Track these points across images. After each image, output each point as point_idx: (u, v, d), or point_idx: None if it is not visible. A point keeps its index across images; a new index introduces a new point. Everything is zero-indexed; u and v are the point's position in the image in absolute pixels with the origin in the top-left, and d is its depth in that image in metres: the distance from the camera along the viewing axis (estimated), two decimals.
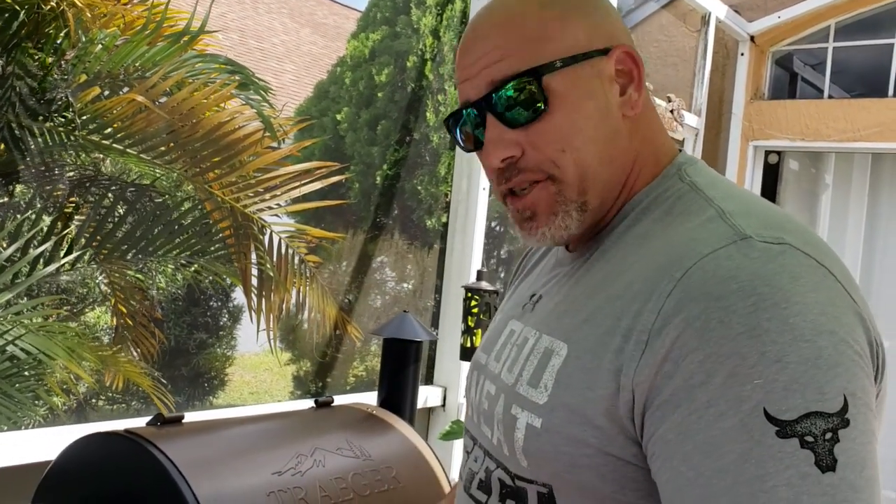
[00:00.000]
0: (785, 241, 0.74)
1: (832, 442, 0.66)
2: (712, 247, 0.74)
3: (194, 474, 1.27)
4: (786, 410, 0.66)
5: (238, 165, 2.51)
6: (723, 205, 0.80)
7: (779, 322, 0.68)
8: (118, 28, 2.57)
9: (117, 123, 2.46)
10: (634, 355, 0.74)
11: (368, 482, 1.48)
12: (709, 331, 0.69)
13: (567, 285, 0.91)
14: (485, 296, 2.45)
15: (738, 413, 0.67)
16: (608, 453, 0.76)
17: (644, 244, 0.83)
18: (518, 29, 0.86)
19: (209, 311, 5.85)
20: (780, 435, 0.66)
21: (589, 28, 0.87)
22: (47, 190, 2.79)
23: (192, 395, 5.68)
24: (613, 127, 0.86)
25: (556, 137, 0.85)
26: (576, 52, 0.85)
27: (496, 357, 0.94)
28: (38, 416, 4.31)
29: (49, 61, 2.46)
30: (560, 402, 0.79)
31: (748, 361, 0.67)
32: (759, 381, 0.67)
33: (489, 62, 0.86)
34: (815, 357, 0.67)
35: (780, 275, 0.71)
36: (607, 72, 0.87)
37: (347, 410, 1.72)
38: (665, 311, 0.73)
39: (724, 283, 0.71)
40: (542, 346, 0.85)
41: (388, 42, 5.67)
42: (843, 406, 0.67)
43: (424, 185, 5.54)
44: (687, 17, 4.45)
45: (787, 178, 4.56)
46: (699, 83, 4.19)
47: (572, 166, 0.85)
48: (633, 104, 0.87)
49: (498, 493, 0.87)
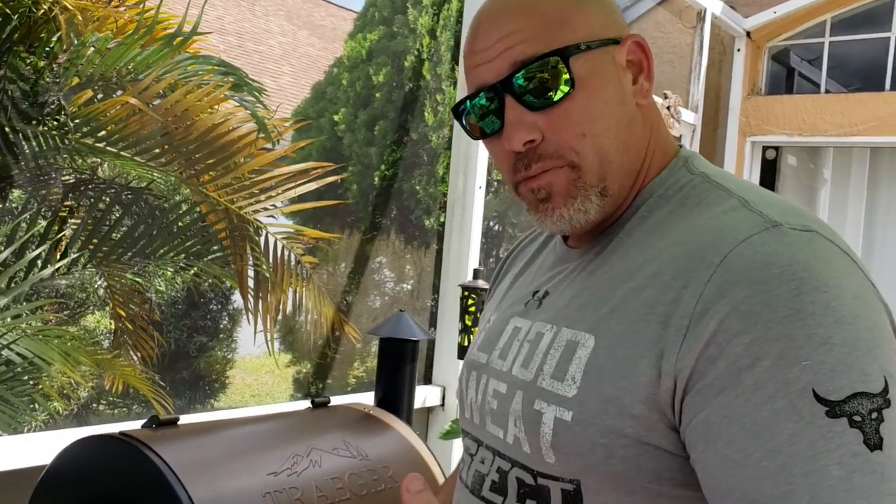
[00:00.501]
0: (811, 229, 0.75)
1: (878, 421, 0.67)
2: (746, 233, 0.75)
3: (189, 476, 1.27)
4: (833, 391, 0.67)
5: (233, 167, 2.51)
6: (742, 194, 0.82)
7: (822, 305, 0.69)
8: (110, 31, 2.56)
9: (111, 126, 2.46)
10: (676, 341, 0.74)
11: (365, 482, 1.48)
12: (754, 314, 0.70)
13: (580, 278, 0.90)
14: (482, 294, 2.45)
15: (788, 394, 0.68)
16: (646, 442, 0.76)
17: (664, 234, 0.83)
18: (537, 13, 0.86)
19: (209, 314, 5.85)
20: (829, 415, 0.67)
21: (603, 16, 0.89)
22: (42, 194, 2.78)
23: (192, 398, 5.68)
24: (629, 114, 0.88)
25: (578, 121, 0.85)
26: (595, 37, 0.86)
27: (501, 355, 0.93)
28: (39, 422, 4.31)
29: (41, 65, 2.46)
30: (592, 393, 0.79)
31: (796, 343, 0.68)
32: (807, 363, 0.68)
33: (510, 44, 0.85)
34: (855, 339, 0.69)
35: (815, 260, 0.72)
36: (620, 60, 0.88)
37: (344, 410, 1.71)
38: (706, 296, 0.73)
39: (765, 268, 0.71)
40: (564, 339, 0.84)
41: (385, 42, 5.66)
42: (885, 387, 0.68)
43: (422, 185, 5.54)
44: (682, 14, 4.45)
45: (784, 174, 4.55)
46: (695, 79, 4.18)
47: (592, 151, 0.85)
48: (645, 93, 0.89)
49: (515, 493, 0.86)
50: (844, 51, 4.45)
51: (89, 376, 4.38)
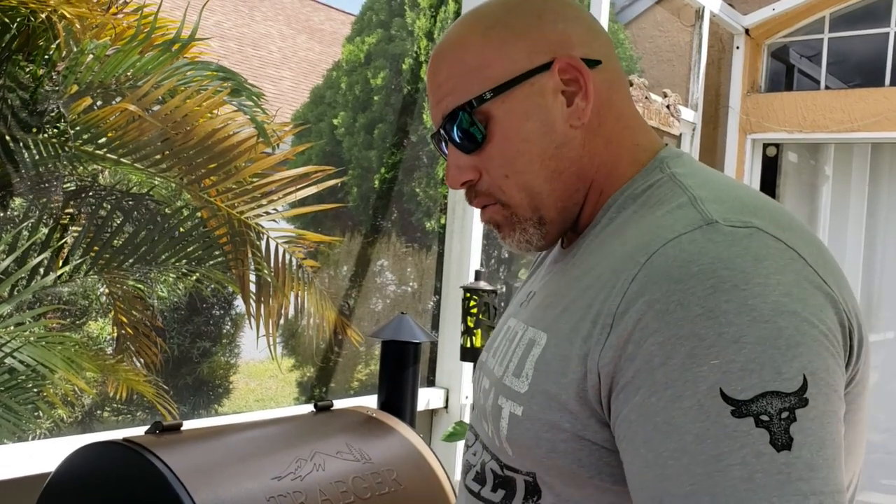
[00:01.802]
0: (752, 225, 0.74)
1: (788, 421, 0.66)
2: (677, 232, 0.75)
3: (193, 481, 1.27)
4: (742, 390, 0.67)
5: (233, 172, 2.51)
6: (697, 191, 0.81)
7: (737, 304, 0.69)
8: (109, 38, 2.57)
9: (111, 133, 2.47)
10: (600, 339, 0.76)
11: (369, 485, 1.48)
12: (668, 313, 0.70)
13: (555, 280, 0.94)
14: (483, 296, 2.45)
15: (696, 394, 0.68)
16: (583, 437, 0.78)
17: (619, 236, 0.85)
18: (460, 61, 0.90)
19: (211, 320, 5.84)
20: (735, 414, 0.67)
21: (530, 45, 0.89)
22: (43, 202, 2.79)
23: (196, 403, 5.67)
24: (559, 141, 0.88)
25: (499, 163, 0.89)
26: (512, 74, 0.87)
27: (493, 353, 0.97)
28: (44, 430, 4.30)
29: (40, 73, 2.46)
30: (538, 389, 0.82)
31: (706, 342, 0.68)
32: (717, 362, 0.68)
33: (440, 96, 0.91)
34: (773, 337, 0.68)
35: (742, 257, 0.71)
36: (551, 85, 0.88)
37: (347, 414, 1.71)
38: (629, 295, 0.74)
39: (684, 267, 0.72)
40: (527, 338, 0.88)
41: (383, 45, 5.66)
42: (801, 386, 0.67)
43: (423, 187, 5.54)
44: (681, 12, 4.45)
45: (786, 171, 4.55)
46: (695, 78, 4.18)
47: (517, 190, 0.90)
48: (581, 114, 0.88)
49: (491, 482, 0.89)
50: (844, 47, 4.45)
51: (93, 383, 4.38)
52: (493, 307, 2.45)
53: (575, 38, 0.90)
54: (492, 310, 2.45)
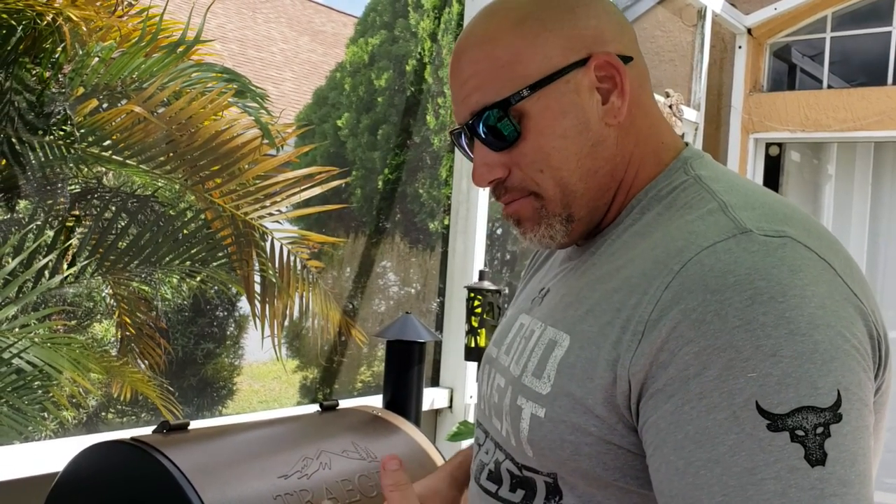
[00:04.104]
0: (786, 234, 0.74)
1: (823, 436, 0.66)
2: (712, 240, 0.75)
3: (200, 480, 1.28)
4: (778, 404, 0.67)
5: (238, 173, 2.52)
6: (725, 197, 0.81)
7: (775, 316, 0.69)
8: (114, 41, 2.58)
9: (116, 135, 2.48)
10: (631, 346, 0.75)
11: (375, 483, 1.48)
12: (705, 323, 0.70)
13: (573, 278, 0.92)
14: (487, 295, 2.45)
15: (731, 406, 0.68)
16: (609, 441, 0.78)
17: (645, 238, 0.84)
18: (490, 56, 0.87)
19: (215, 321, 5.85)
20: (770, 428, 0.67)
21: (564, 41, 0.86)
22: (49, 204, 2.80)
23: (200, 405, 5.68)
24: (594, 139, 0.87)
25: (533, 160, 0.87)
26: (548, 71, 0.85)
27: (507, 350, 0.95)
28: (49, 430, 4.31)
29: (46, 75, 2.47)
30: (562, 391, 0.81)
31: (743, 354, 0.68)
32: (753, 375, 0.68)
33: (468, 92, 0.89)
34: (810, 351, 0.68)
35: (778, 268, 0.71)
36: (586, 83, 0.86)
37: (353, 413, 1.72)
38: (662, 303, 0.74)
39: (721, 277, 0.71)
40: (547, 338, 0.87)
41: (386, 46, 5.67)
42: (836, 401, 0.67)
43: (426, 188, 5.55)
44: (683, 12, 4.45)
45: (788, 170, 4.55)
46: (697, 77, 4.19)
47: (552, 184, 0.87)
48: (617, 112, 0.87)
49: (509, 483, 0.89)
50: (846, 46, 4.45)
51: (98, 385, 4.39)
52: (497, 307, 2.46)
53: (608, 33, 0.88)
54: (496, 309, 2.45)
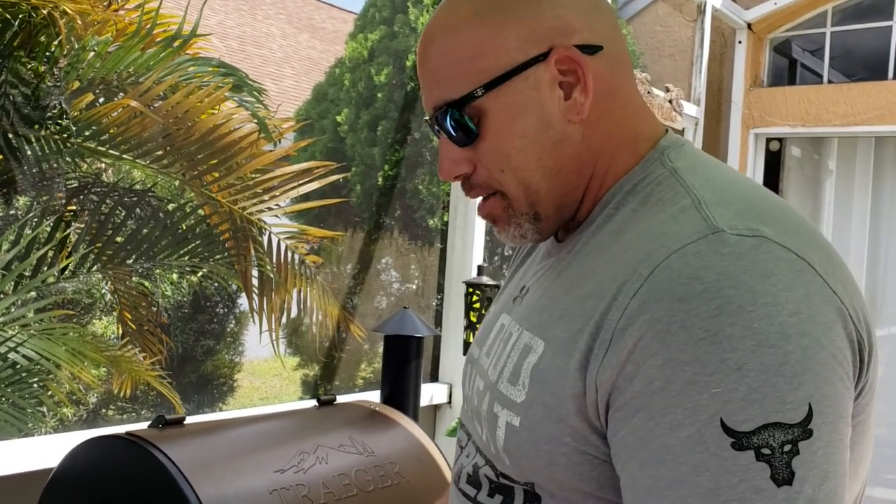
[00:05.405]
0: (761, 234, 0.71)
1: (791, 454, 0.64)
2: (682, 242, 0.71)
3: (196, 475, 1.27)
4: (743, 421, 0.64)
5: (235, 167, 2.51)
6: (700, 192, 0.77)
7: (742, 327, 0.66)
8: (110, 35, 2.57)
9: (112, 129, 2.47)
10: (598, 355, 0.72)
11: (372, 478, 1.47)
12: (670, 334, 0.67)
13: (549, 278, 0.89)
14: (486, 290, 2.45)
15: (695, 423, 0.66)
16: (584, 452, 0.75)
17: (619, 237, 0.80)
18: (451, 50, 0.83)
19: (215, 318, 5.85)
20: (735, 447, 0.64)
21: (525, 32, 0.82)
22: (45, 199, 2.80)
23: (201, 402, 5.68)
24: (556, 137, 0.82)
25: (493, 160, 0.84)
26: (506, 67, 0.81)
27: (487, 352, 0.92)
28: (49, 427, 4.31)
29: (42, 69, 2.47)
30: (536, 399, 0.78)
31: (708, 369, 0.65)
32: (718, 391, 0.65)
33: (429, 84, 0.86)
34: (778, 364, 0.65)
35: (749, 273, 0.68)
36: (547, 78, 0.81)
37: (350, 408, 1.71)
38: (630, 311, 0.71)
39: (689, 284, 0.68)
40: (522, 343, 0.84)
41: (386, 42, 5.66)
42: (806, 416, 0.65)
43: (426, 184, 5.54)
44: (683, 7, 4.44)
45: (789, 165, 4.54)
46: (697, 73, 4.17)
47: (515, 185, 0.84)
48: (579, 109, 0.82)
49: (487, 488, 0.86)
50: (846, 41, 4.44)
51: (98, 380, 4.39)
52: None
53: (576, 22, 0.83)
54: None
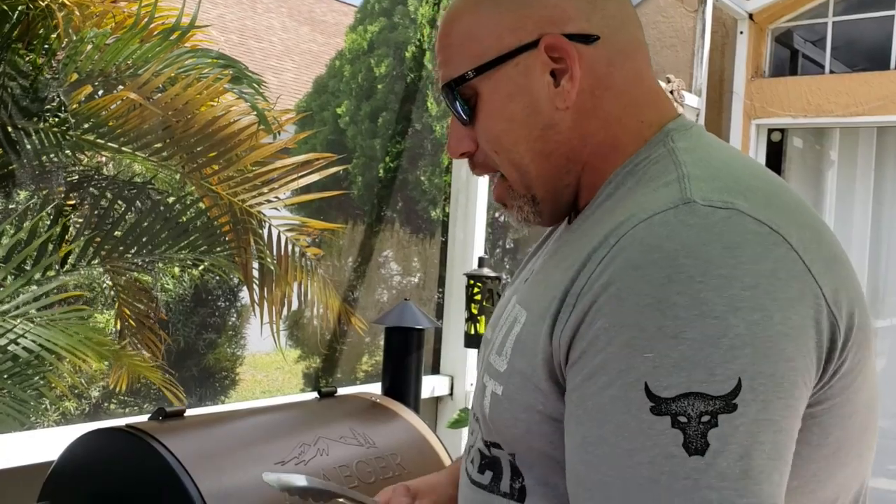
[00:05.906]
0: (733, 206, 0.70)
1: (708, 426, 0.64)
2: (651, 212, 0.72)
3: (197, 467, 1.27)
4: (665, 387, 0.65)
5: (235, 159, 2.51)
6: (688, 168, 0.76)
7: (689, 296, 0.66)
8: (109, 27, 2.56)
9: (111, 122, 2.47)
10: (563, 318, 0.75)
11: (373, 469, 1.47)
12: (620, 299, 0.69)
13: (549, 257, 0.92)
14: (487, 282, 2.44)
15: (623, 384, 0.67)
16: (555, 419, 0.76)
17: (612, 213, 0.80)
18: (454, 33, 0.88)
19: (217, 312, 5.85)
20: (654, 411, 0.65)
21: (517, 20, 0.84)
22: (44, 193, 2.79)
23: (203, 395, 5.69)
24: (544, 122, 0.84)
25: (487, 140, 0.88)
26: (498, 52, 0.84)
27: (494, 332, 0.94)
28: (52, 421, 4.32)
29: (40, 62, 2.46)
30: (515, 368, 0.81)
31: (646, 333, 0.67)
32: (650, 355, 0.66)
33: (440, 63, 0.89)
34: (717, 336, 0.65)
35: (710, 244, 0.68)
36: (538, 65, 0.83)
37: (351, 400, 1.71)
38: (594, 276, 0.72)
39: (648, 252, 0.69)
40: (513, 316, 0.86)
41: (386, 34, 5.65)
42: (733, 389, 0.64)
43: (427, 175, 5.54)
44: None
45: (791, 156, 4.52)
46: (698, 63, 4.16)
47: (508, 166, 0.88)
48: (566, 96, 0.83)
49: (478, 464, 0.88)
50: (848, 31, 4.42)
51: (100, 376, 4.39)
52: (496, 294, 2.44)
53: (571, 11, 0.84)
54: (495, 296, 2.44)
